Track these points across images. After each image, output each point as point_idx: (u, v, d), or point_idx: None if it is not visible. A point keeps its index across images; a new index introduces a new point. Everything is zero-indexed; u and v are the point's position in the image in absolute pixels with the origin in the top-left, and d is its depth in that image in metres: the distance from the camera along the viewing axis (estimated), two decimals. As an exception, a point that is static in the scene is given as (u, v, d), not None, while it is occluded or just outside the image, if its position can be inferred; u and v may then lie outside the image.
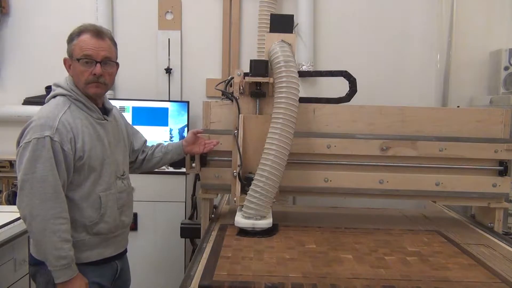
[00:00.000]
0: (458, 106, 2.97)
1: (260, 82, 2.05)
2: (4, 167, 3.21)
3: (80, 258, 1.68)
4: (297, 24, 3.18)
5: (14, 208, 2.81)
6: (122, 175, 1.82)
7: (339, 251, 1.71)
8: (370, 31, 3.34)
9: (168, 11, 3.38)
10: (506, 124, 2.15)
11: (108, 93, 3.25)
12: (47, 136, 1.56)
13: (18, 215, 2.28)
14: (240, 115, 2.04)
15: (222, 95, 2.18)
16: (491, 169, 2.17)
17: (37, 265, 1.65)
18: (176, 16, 3.38)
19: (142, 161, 2.05)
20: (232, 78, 2.13)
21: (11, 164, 3.19)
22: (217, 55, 3.41)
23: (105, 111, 1.81)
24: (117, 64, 1.79)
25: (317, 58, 3.35)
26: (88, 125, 1.69)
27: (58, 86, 1.72)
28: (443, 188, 2.16)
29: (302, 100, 2.09)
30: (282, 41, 2.03)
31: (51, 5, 3.35)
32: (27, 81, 3.35)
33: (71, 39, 1.70)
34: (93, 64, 1.67)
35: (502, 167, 2.15)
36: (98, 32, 1.70)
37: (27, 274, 2.36)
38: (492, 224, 2.20)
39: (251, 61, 2.05)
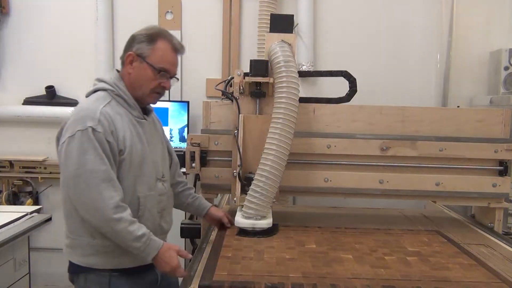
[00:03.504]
0: (458, 106, 2.97)
1: (260, 82, 2.05)
2: (4, 167, 3.21)
3: (114, 262, 1.59)
4: (297, 24, 3.18)
5: (14, 208, 2.83)
6: (162, 177, 1.73)
7: (339, 251, 1.71)
8: (370, 31, 3.34)
9: (168, 11, 3.38)
10: (506, 124, 2.15)
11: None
12: (89, 127, 1.49)
13: (18, 215, 2.30)
14: (240, 115, 2.04)
15: (222, 95, 2.18)
16: (491, 169, 2.17)
17: (85, 272, 1.59)
18: (176, 16, 3.38)
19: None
20: (232, 78, 2.13)
21: (11, 164, 3.19)
22: (217, 55, 3.41)
23: (145, 111, 1.73)
24: None
25: (317, 58, 3.34)
26: (128, 122, 1.61)
27: (101, 80, 1.66)
28: (443, 188, 2.16)
29: (302, 100, 2.09)
30: (282, 41, 2.03)
31: (51, 5, 3.35)
32: (27, 81, 3.35)
33: (150, 39, 1.62)
34: (165, 77, 1.65)
35: (502, 167, 2.15)
36: (179, 48, 1.68)
37: (27, 274, 2.37)
38: (492, 224, 2.21)
39: (251, 61, 2.06)
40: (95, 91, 1.64)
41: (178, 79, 1.76)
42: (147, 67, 1.62)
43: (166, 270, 1.56)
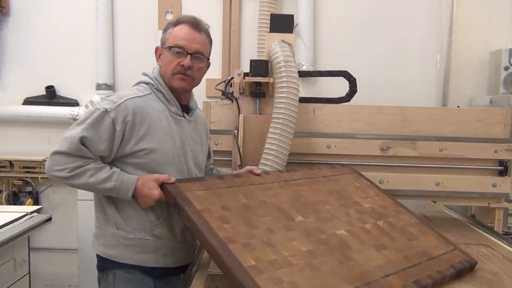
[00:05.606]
0: (458, 106, 2.97)
1: (260, 82, 2.05)
2: (4, 167, 3.20)
3: (134, 258, 1.54)
4: (297, 24, 3.18)
5: (14, 208, 2.83)
6: None
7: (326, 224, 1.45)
8: (370, 31, 3.34)
9: (168, 11, 3.38)
10: (506, 124, 2.16)
11: (108, 93, 3.27)
12: (104, 107, 1.49)
13: (18, 215, 2.31)
14: (240, 115, 2.04)
15: (222, 95, 2.18)
16: (491, 169, 2.18)
17: (103, 271, 1.57)
18: (176, 16, 3.38)
19: None
20: (232, 78, 2.13)
21: (11, 164, 3.19)
22: (217, 55, 3.40)
23: (187, 109, 1.69)
24: (209, 62, 1.69)
25: (317, 58, 3.34)
26: (162, 117, 1.57)
27: (145, 74, 1.68)
28: (443, 188, 2.16)
29: (302, 100, 2.09)
30: (282, 41, 2.03)
31: (51, 5, 3.34)
32: (27, 81, 3.34)
33: (167, 28, 1.64)
34: (183, 55, 1.58)
35: (502, 167, 2.16)
36: (195, 24, 1.63)
37: (27, 274, 2.37)
38: (492, 224, 2.21)
39: (251, 61, 2.06)
40: (138, 83, 1.67)
41: (208, 58, 1.67)
42: (166, 51, 1.60)
43: (151, 204, 1.48)
